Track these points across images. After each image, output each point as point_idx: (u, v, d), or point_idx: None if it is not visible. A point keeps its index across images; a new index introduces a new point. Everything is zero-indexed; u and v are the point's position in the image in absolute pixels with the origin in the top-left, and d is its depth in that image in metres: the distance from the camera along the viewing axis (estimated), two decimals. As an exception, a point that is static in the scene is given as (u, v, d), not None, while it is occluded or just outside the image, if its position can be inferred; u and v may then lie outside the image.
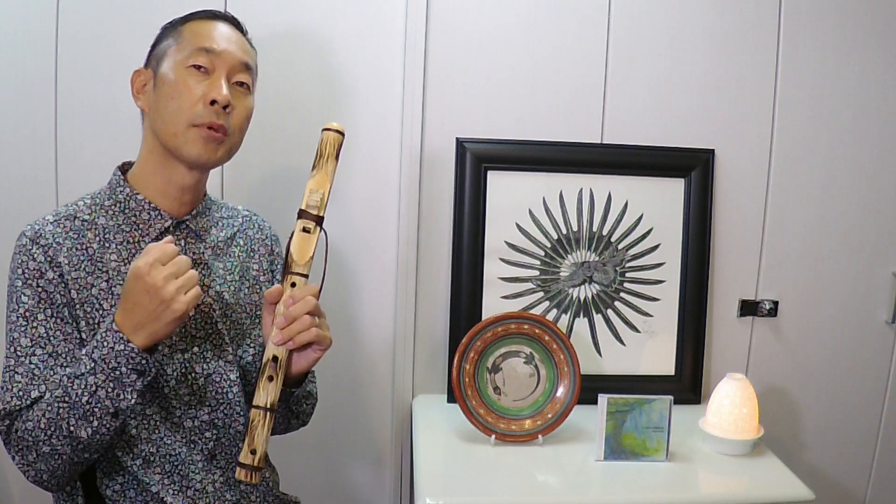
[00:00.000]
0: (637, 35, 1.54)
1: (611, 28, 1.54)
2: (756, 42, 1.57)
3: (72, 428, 0.94)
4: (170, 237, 0.98)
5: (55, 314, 1.01)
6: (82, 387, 0.94)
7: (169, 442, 1.07)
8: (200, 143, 1.06)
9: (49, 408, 0.95)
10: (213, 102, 1.05)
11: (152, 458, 1.06)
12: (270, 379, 1.02)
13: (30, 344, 1.00)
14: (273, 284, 1.22)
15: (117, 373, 0.94)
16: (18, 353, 1.00)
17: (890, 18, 1.59)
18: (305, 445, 1.57)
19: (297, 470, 1.58)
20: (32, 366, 0.99)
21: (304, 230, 1.04)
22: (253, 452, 1.01)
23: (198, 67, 1.07)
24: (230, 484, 1.13)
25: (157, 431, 1.06)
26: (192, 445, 1.09)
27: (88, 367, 0.94)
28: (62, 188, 1.47)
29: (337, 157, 1.07)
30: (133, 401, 0.96)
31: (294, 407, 1.18)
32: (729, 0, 1.55)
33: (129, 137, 1.44)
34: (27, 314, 1.00)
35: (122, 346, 0.93)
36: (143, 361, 0.95)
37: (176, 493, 1.08)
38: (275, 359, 1.02)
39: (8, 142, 1.45)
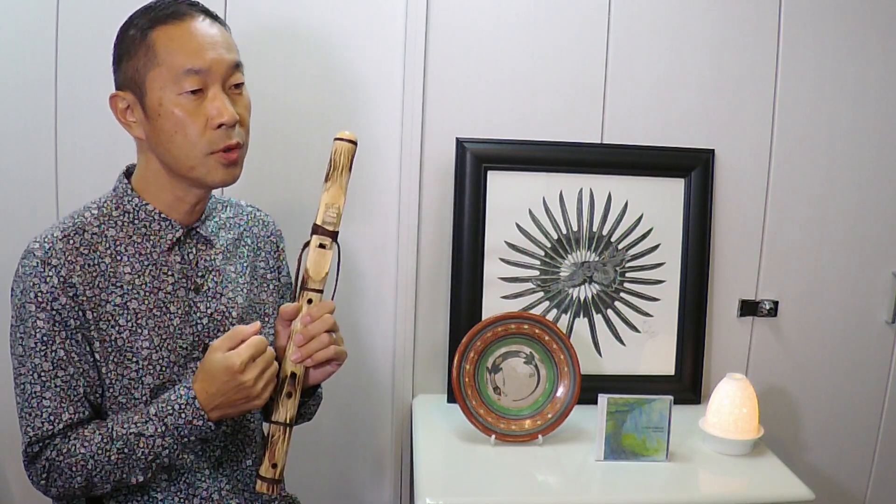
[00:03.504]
0: (637, 35, 1.54)
1: (611, 28, 1.54)
2: (756, 42, 1.57)
3: (123, 475, 0.98)
4: (258, 323, 1.00)
5: (69, 337, 1.00)
6: (149, 446, 0.97)
7: None
8: (223, 171, 1.03)
9: (101, 451, 0.97)
10: (220, 125, 1.01)
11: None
12: (289, 395, 1.03)
13: (52, 367, 0.99)
14: (279, 281, 1.23)
15: (185, 440, 0.98)
16: (43, 378, 0.99)
17: (890, 18, 1.59)
18: (305, 445, 1.56)
19: (297, 470, 1.57)
20: (58, 388, 0.99)
21: (321, 246, 1.03)
22: (274, 466, 1.02)
23: (192, 91, 0.99)
24: (236, 491, 1.13)
25: None
26: (200, 453, 1.09)
27: (159, 430, 0.97)
28: (62, 188, 1.47)
29: (350, 168, 1.06)
30: (188, 459, 1.05)
31: (302, 409, 1.18)
32: (729, 0, 1.55)
33: (129, 138, 1.45)
34: (45, 338, 0.99)
35: (200, 423, 0.97)
36: (211, 434, 1.00)
37: (182, 500, 1.08)
38: (293, 375, 1.03)
39: (8, 142, 1.45)
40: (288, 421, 1.03)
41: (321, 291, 1.05)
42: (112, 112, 1.06)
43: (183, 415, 0.96)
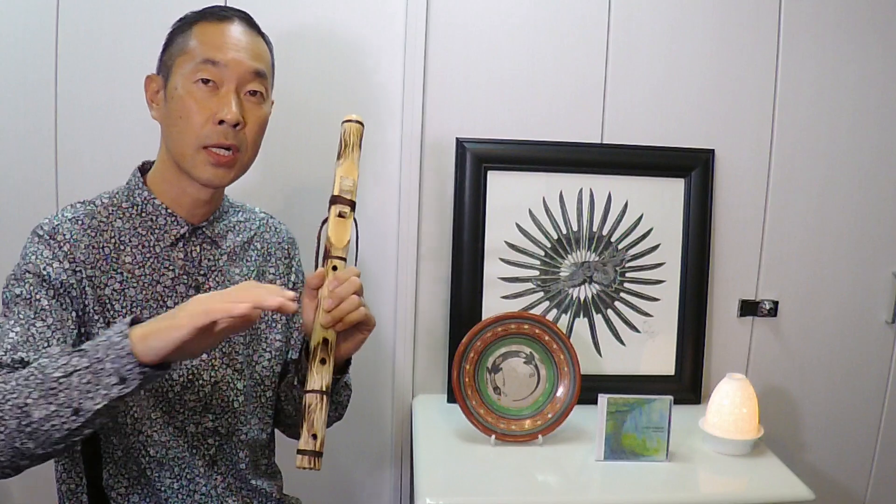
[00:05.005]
0: (637, 35, 1.54)
1: (611, 28, 1.54)
2: (756, 42, 1.57)
3: (28, 401, 0.84)
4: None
5: (56, 297, 0.99)
6: (61, 363, 0.85)
7: (174, 445, 1.07)
8: (211, 169, 1.04)
9: (19, 376, 0.87)
10: (221, 122, 1.02)
11: (164, 461, 1.07)
12: (323, 362, 1.01)
13: (32, 316, 0.97)
14: (290, 288, 1.22)
15: (98, 367, 0.84)
16: (20, 318, 0.96)
17: (890, 18, 1.59)
18: (305, 445, 1.57)
19: (297, 470, 1.57)
20: (29, 333, 0.95)
21: (340, 215, 1.04)
22: (314, 437, 0.98)
23: (205, 81, 1.02)
24: (231, 490, 1.13)
25: (164, 434, 1.07)
26: (194, 451, 1.09)
27: (76, 349, 0.88)
28: (62, 188, 1.47)
29: (360, 146, 1.08)
30: (98, 406, 0.84)
31: (335, 396, 1.18)
32: (729, 0, 1.55)
33: (129, 137, 1.46)
34: (32, 290, 0.98)
35: (118, 339, 0.84)
36: (129, 367, 0.84)
37: (184, 497, 1.08)
38: (325, 341, 1.01)
39: (8, 142, 1.45)
40: (324, 389, 1.00)
41: (345, 259, 1.05)
42: (144, 92, 1.10)
43: (107, 333, 0.87)
